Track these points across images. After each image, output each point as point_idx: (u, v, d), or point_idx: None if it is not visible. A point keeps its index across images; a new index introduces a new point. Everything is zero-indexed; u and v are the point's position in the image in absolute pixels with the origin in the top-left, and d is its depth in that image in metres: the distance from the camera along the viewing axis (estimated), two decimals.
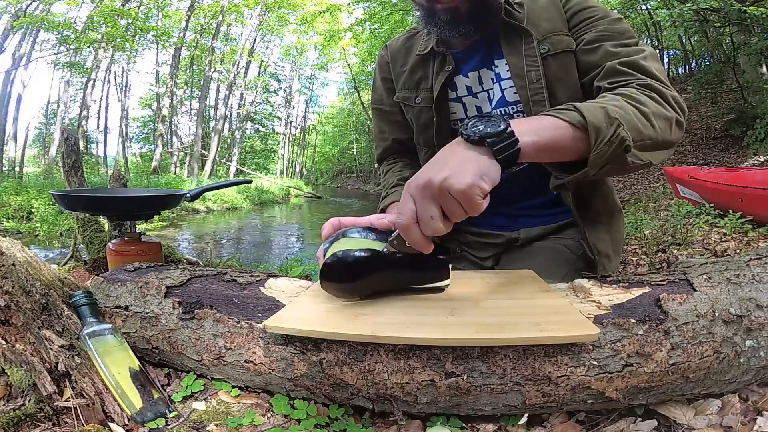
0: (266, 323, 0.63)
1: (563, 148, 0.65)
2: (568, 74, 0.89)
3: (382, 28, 13.69)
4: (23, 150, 16.93)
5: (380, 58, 1.12)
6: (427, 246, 0.61)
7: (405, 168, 1.09)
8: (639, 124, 0.68)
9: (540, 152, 0.63)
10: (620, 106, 0.68)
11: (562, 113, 0.66)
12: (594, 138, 0.63)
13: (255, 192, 14.44)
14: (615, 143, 0.64)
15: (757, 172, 4.10)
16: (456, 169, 0.57)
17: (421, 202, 0.58)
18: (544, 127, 0.64)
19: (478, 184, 0.56)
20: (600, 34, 0.84)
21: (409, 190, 0.59)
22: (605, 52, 0.81)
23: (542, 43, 0.89)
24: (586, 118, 0.63)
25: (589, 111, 0.64)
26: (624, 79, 0.77)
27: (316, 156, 36.93)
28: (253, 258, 5.28)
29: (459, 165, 0.57)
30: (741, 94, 7.72)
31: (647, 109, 0.70)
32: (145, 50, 18.35)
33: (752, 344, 0.60)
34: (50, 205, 7.54)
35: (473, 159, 0.58)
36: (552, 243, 1.05)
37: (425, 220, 0.58)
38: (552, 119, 0.65)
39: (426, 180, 0.57)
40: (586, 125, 0.63)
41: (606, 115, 0.64)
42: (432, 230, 0.58)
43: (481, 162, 0.58)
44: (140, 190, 1.32)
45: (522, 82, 0.89)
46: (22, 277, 0.67)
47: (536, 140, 0.62)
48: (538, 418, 0.64)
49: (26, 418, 0.59)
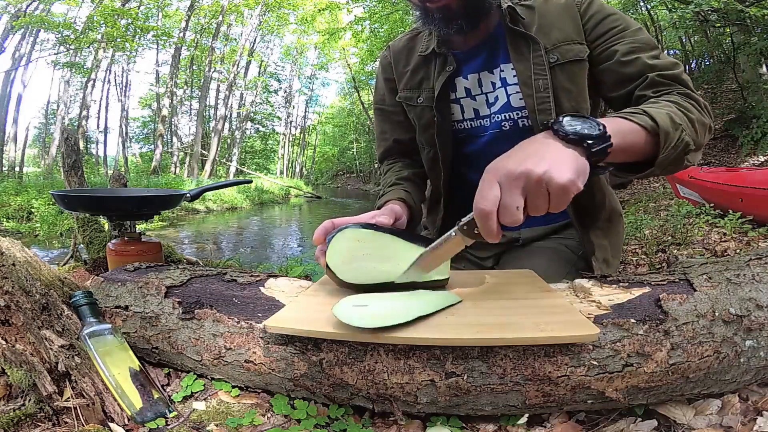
0: (266, 323, 0.63)
1: (636, 150, 0.68)
2: (575, 84, 0.89)
3: (381, 27, 13.70)
4: (23, 150, 16.93)
5: (383, 58, 1.13)
6: (498, 236, 0.59)
7: (404, 168, 1.09)
8: (689, 128, 0.73)
9: (619, 154, 0.65)
10: (675, 112, 0.72)
11: (635, 117, 0.68)
12: (663, 141, 0.67)
13: (255, 192, 14.44)
14: (680, 147, 0.69)
15: (757, 172, 4.10)
16: (556, 163, 0.56)
17: (511, 190, 0.56)
18: (625, 130, 0.66)
19: (577, 181, 0.56)
20: (633, 46, 0.85)
21: (498, 176, 0.57)
22: (643, 64, 0.83)
23: (551, 52, 0.88)
24: (658, 123, 0.67)
25: (660, 116, 0.68)
26: (666, 89, 0.81)
27: (316, 156, 36.93)
28: (253, 258, 5.28)
29: (559, 160, 0.57)
30: (741, 94, 7.72)
31: (693, 115, 0.75)
32: (145, 50, 18.35)
33: (752, 344, 0.60)
34: (50, 205, 7.53)
35: (572, 157, 0.58)
36: (553, 243, 1.05)
37: (509, 208, 0.56)
38: (628, 123, 0.68)
39: (524, 170, 0.56)
40: (658, 130, 0.67)
41: (671, 120, 0.69)
42: (512, 220, 0.57)
43: (579, 161, 0.58)
44: (140, 190, 1.32)
45: (529, 90, 0.90)
46: (22, 277, 0.67)
47: (619, 142, 0.63)
48: (538, 418, 0.64)
49: (26, 418, 0.59)
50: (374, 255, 0.71)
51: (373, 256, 0.71)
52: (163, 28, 16.89)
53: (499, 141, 0.98)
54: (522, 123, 0.95)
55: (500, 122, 0.97)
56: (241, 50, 19.14)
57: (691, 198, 4.04)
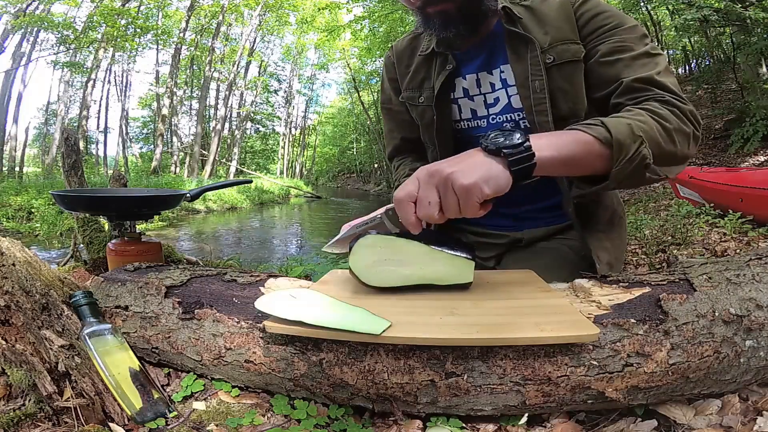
0: (266, 323, 0.63)
1: (584, 163, 0.68)
2: (572, 84, 0.88)
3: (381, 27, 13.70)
4: (23, 150, 16.93)
5: (386, 59, 1.14)
6: (415, 227, 0.65)
7: (415, 161, 1.12)
8: (661, 139, 0.70)
9: (558, 167, 0.66)
10: (645, 122, 0.70)
11: (589, 128, 0.68)
12: (617, 154, 0.66)
13: (255, 192, 14.44)
14: (636, 160, 0.67)
15: (757, 172, 4.10)
16: (466, 167, 0.61)
17: (425, 186, 0.62)
18: (565, 142, 0.66)
19: (481, 186, 0.59)
20: (615, 46, 0.82)
21: (418, 173, 0.64)
22: (622, 66, 0.80)
23: (547, 52, 0.87)
24: (612, 135, 0.66)
25: (616, 127, 0.67)
26: (643, 95, 0.78)
27: (316, 156, 36.93)
28: (253, 258, 5.28)
29: (470, 165, 0.61)
30: (741, 94, 7.72)
31: (669, 125, 0.72)
32: (145, 50, 18.35)
33: (752, 344, 0.59)
34: (50, 205, 7.53)
35: (485, 164, 0.62)
36: (555, 244, 1.05)
37: (423, 203, 0.62)
38: (577, 133, 0.67)
39: (435, 168, 0.62)
40: (612, 141, 0.66)
41: (631, 131, 0.67)
42: (425, 214, 0.62)
43: (492, 169, 0.61)
44: (140, 190, 1.32)
45: (526, 92, 0.89)
46: (22, 277, 0.67)
47: (554, 155, 0.65)
48: (538, 418, 0.64)
49: (26, 418, 0.59)
50: (396, 260, 0.73)
51: (395, 260, 0.73)
52: (163, 27, 16.89)
53: None
54: (523, 124, 0.95)
55: (501, 123, 0.97)
56: (241, 50, 19.14)
57: (691, 198, 4.04)
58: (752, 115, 6.70)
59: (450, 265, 0.73)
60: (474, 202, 0.60)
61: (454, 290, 0.74)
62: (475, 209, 0.61)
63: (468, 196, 0.60)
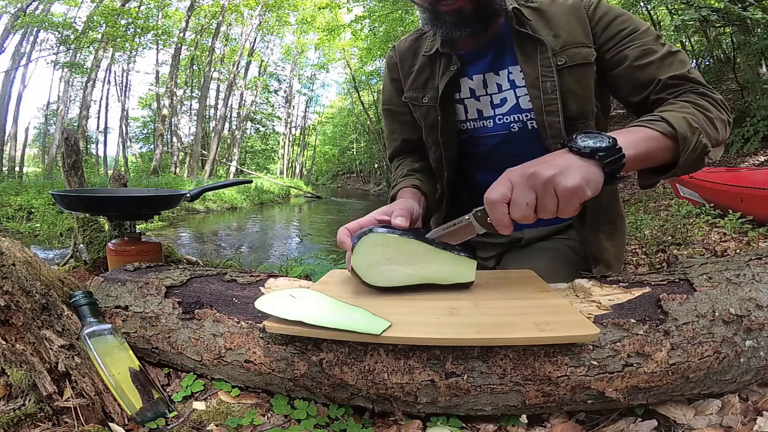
0: (266, 323, 0.63)
1: (655, 157, 0.73)
2: (582, 86, 0.90)
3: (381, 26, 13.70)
4: (23, 150, 16.94)
5: (389, 59, 1.13)
6: (508, 228, 0.65)
7: (415, 161, 1.11)
8: (708, 128, 0.76)
9: (636, 163, 0.70)
10: (692, 113, 0.75)
11: (654, 124, 0.72)
12: (682, 146, 0.71)
13: (255, 192, 14.44)
14: (699, 149, 0.73)
15: (757, 172, 4.10)
16: (565, 170, 0.62)
17: (522, 188, 0.63)
18: (640, 139, 0.70)
19: (584, 188, 0.62)
20: (643, 50, 0.86)
21: (510, 175, 0.64)
22: (654, 68, 0.85)
23: (559, 54, 0.88)
24: (676, 129, 0.70)
25: (677, 122, 0.71)
26: (680, 89, 0.83)
27: (316, 156, 36.93)
28: (253, 258, 5.28)
29: (568, 168, 0.63)
30: (741, 94, 7.71)
31: (711, 114, 0.78)
32: (145, 50, 18.35)
33: (752, 344, 0.59)
34: (50, 205, 7.54)
35: (583, 167, 0.63)
36: (555, 243, 1.05)
37: (519, 204, 0.63)
38: (647, 130, 0.72)
39: (534, 171, 0.62)
40: (677, 135, 0.70)
41: (689, 124, 0.72)
42: (521, 215, 0.63)
43: (590, 171, 0.63)
44: (140, 190, 1.32)
45: (537, 92, 0.90)
46: (22, 277, 0.67)
47: (636, 153, 0.68)
48: (538, 418, 0.64)
49: (26, 418, 0.59)
50: (398, 259, 0.72)
51: (397, 259, 0.72)
52: (163, 27, 16.90)
53: (508, 142, 0.98)
54: (531, 125, 0.95)
55: (509, 124, 0.97)
56: (241, 50, 19.14)
57: (691, 198, 4.04)
58: (752, 115, 6.70)
59: (452, 264, 0.73)
60: (576, 204, 0.62)
61: (455, 290, 0.74)
62: (574, 210, 0.63)
63: (572, 198, 0.61)
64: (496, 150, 1.00)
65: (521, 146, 0.97)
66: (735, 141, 6.93)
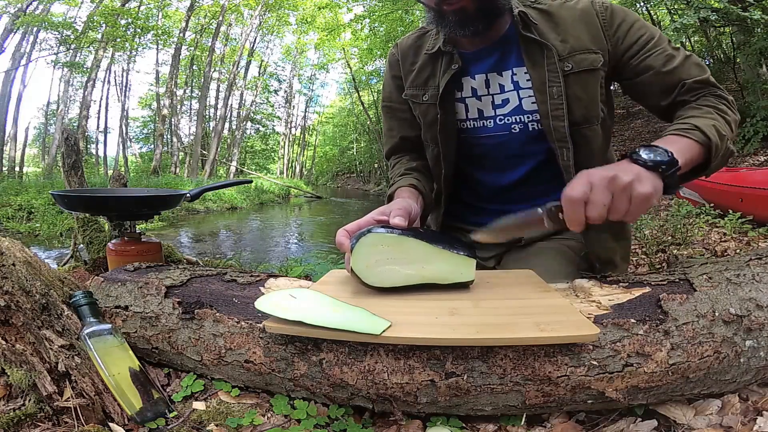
0: (266, 323, 0.63)
1: (693, 162, 0.79)
2: (587, 92, 0.91)
3: (381, 26, 13.71)
4: (23, 150, 16.94)
5: (391, 56, 1.13)
6: (581, 226, 0.68)
7: (412, 160, 1.11)
8: (727, 132, 0.82)
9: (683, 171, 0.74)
10: (717, 119, 0.82)
11: (689, 133, 0.78)
12: (714, 153, 0.78)
13: (255, 192, 14.43)
14: (727, 155, 0.82)
15: (757, 172, 4.10)
16: (640, 177, 0.67)
17: (602, 189, 0.66)
18: (684, 149, 0.75)
19: (653, 197, 0.67)
20: (665, 57, 0.90)
21: (591, 177, 0.67)
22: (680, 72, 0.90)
23: (566, 60, 0.89)
24: (710, 138, 0.77)
25: (710, 131, 0.78)
26: (701, 92, 0.90)
27: (316, 156, 36.93)
28: (253, 258, 5.28)
29: (642, 177, 0.67)
30: (741, 94, 7.71)
31: (729, 117, 0.85)
32: (145, 50, 18.34)
33: (752, 344, 0.59)
34: (50, 205, 7.53)
35: (650, 178, 0.68)
36: (555, 243, 1.05)
37: (597, 204, 0.66)
38: (686, 140, 0.78)
39: (613, 174, 0.66)
40: (711, 144, 0.77)
41: (718, 132, 0.79)
42: (597, 215, 0.66)
43: (656, 183, 0.69)
44: (140, 190, 1.32)
45: (543, 97, 0.91)
46: (22, 277, 0.67)
47: (683, 162, 0.73)
48: (538, 418, 0.64)
49: (26, 418, 0.59)
50: (398, 258, 0.72)
51: (397, 259, 0.72)
52: (163, 27, 16.90)
53: (508, 143, 0.98)
54: (532, 126, 0.95)
55: (510, 125, 0.97)
56: (241, 50, 19.14)
57: (691, 198, 4.04)
58: (752, 115, 6.70)
59: (452, 264, 0.73)
60: (645, 209, 0.67)
61: (455, 290, 0.74)
62: (640, 214, 0.68)
63: (644, 203, 0.66)
64: (495, 150, 1.00)
65: (521, 147, 0.98)
66: (735, 141, 6.93)
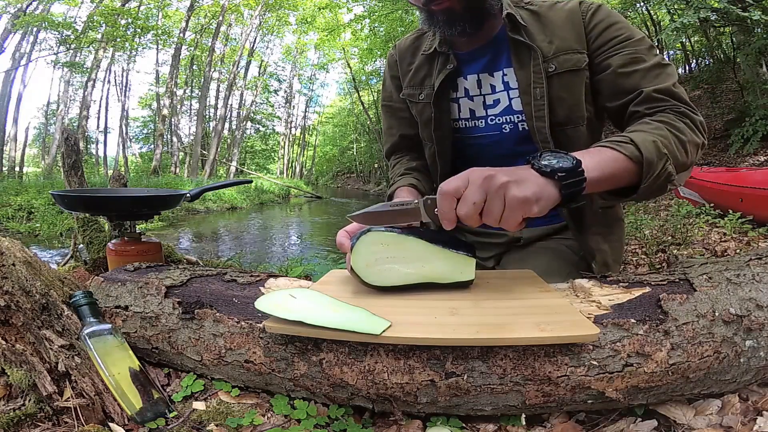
0: (266, 323, 0.63)
1: (618, 179, 0.71)
2: (571, 93, 0.90)
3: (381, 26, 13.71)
4: (23, 150, 16.94)
5: (389, 57, 1.16)
6: (451, 223, 0.64)
7: (412, 160, 1.13)
8: (678, 153, 0.74)
9: (599, 184, 0.69)
10: (665, 137, 0.74)
11: (621, 146, 0.71)
12: (646, 172, 0.70)
13: (255, 192, 14.44)
14: (663, 176, 0.72)
15: (757, 172, 4.11)
16: (521, 181, 0.62)
17: (476, 187, 0.62)
18: (605, 161, 0.69)
19: (532, 203, 0.61)
20: (631, 58, 0.85)
21: (470, 173, 0.63)
22: (639, 77, 0.84)
23: (550, 61, 0.89)
24: (643, 154, 0.70)
25: (645, 146, 0.70)
26: (660, 105, 0.81)
27: (316, 156, 36.93)
28: (253, 258, 5.28)
29: (524, 180, 0.62)
30: (741, 94, 7.71)
31: (685, 137, 0.76)
32: (145, 50, 18.35)
33: (752, 344, 0.59)
34: (50, 205, 7.54)
35: (540, 184, 0.63)
36: (554, 243, 1.05)
37: (467, 201, 0.62)
38: (612, 152, 0.71)
39: (491, 173, 0.62)
40: (642, 160, 0.69)
41: (657, 149, 0.71)
42: (465, 213, 0.62)
43: (545, 190, 0.63)
44: (140, 190, 1.32)
45: (528, 98, 0.91)
46: (22, 277, 0.67)
47: (599, 175, 0.67)
48: (538, 418, 0.64)
49: (26, 418, 0.59)
50: (397, 257, 0.72)
51: (396, 258, 0.72)
52: (163, 27, 16.90)
53: (499, 143, 0.99)
54: (522, 126, 0.96)
55: (501, 125, 0.98)
56: (241, 50, 19.14)
57: (691, 198, 4.04)
58: (752, 115, 6.70)
59: (451, 263, 0.73)
60: (519, 216, 0.61)
61: (455, 290, 0.74)
62: (516, 223, 0.62)
63: (517, 208, 0.61)
64: (487, 149, 1.01)
65: (512, 147, 0.98)
66: (735, 141, 6.94)
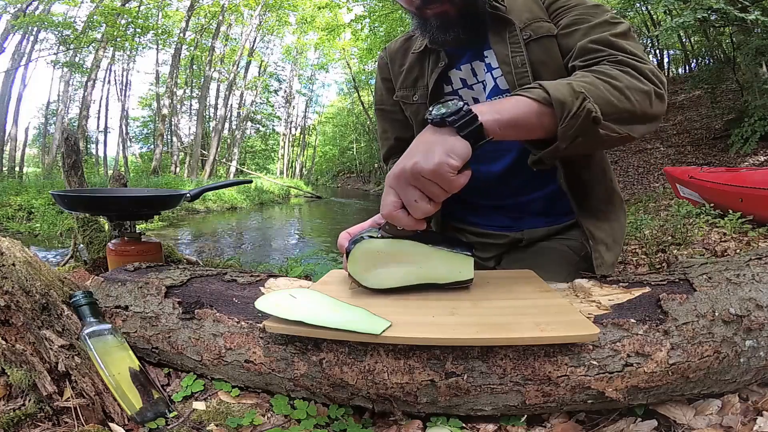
0: (266, 323, 0.63)
1: (530, 124, 0.67)
2: (551, 57, 0.90)
3: (381, 26, 13.72)
4: (23, 150, 16.94)
5: (380, 60, 1.16)
6: (419, 225, 0.65)
7: None
8: (612, 97, 0.69)
9: (505, 128, 0.65)
10: (589, 82, 0.70)
11: (527, 91, 0.68)
12: (560, 112, 0.65)
13: (255, 192, 14.43)
14: (581, 116, 0.66)
15: (757, 172, 4.10)
16: (424, 152, 0.61)
17: (402, 190, 0.63)
18: (506, 106, 0.66)
19: (446, 161, 0.60)
20: (575, 18, 0.86)
21: (388, 182, 0.64)
22: (580, 34, 0.83)
23: (524, 30, 0.91)
24: (550, 94, 0.66)
25: (554, 87, 0.67)
26: (595, 57, 0.78)
27: (316, 156, 36.93)
28: (253, 258, 5.28)
29: (426, 148, 0.61)
30: (741, 94, 7.72)
31: (620, 83, 0.71)
32: (145, 50, 18.33)
33: (752, 344, 0.59)
34: (50, 205, 7.54)
35: (439, 140, 0.62)
36: (555, 244, 1.05)
37: (411, 204, 0.62)
38: (516, 98, 0.68)
39: (399, 169, 0.62)
40: (551, 100, 0.65)
41: (571, 89, 0.66)
42: (421, 213, 0.62)
43: (447, 141, 0.62)
44: (140, 190, 1.32)
45: (508, 68, 0.91)
46: (22, 277, 0.67)
47: (498, 117, 0.64)
48: (538, 418, 0.64)
49: (26, 418, 0.59)
50: (395, 261, 0.72)
51: (393, 262, 0.72)
52: (163, 27, 16.89)
53: None
54: None
55: None
56: (241, 50, 19.14)
57: (691, 198, 4.04)
58: (751, 116, 6.71)
59: (450, 263, 0.73)
60: (449, 178, 0.60)
61: (454, 290, 0.74)
62: (454, 183, 0.61)
63: (441, 176, 0.60)
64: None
65: None
66: (735, 141, 6.94)
